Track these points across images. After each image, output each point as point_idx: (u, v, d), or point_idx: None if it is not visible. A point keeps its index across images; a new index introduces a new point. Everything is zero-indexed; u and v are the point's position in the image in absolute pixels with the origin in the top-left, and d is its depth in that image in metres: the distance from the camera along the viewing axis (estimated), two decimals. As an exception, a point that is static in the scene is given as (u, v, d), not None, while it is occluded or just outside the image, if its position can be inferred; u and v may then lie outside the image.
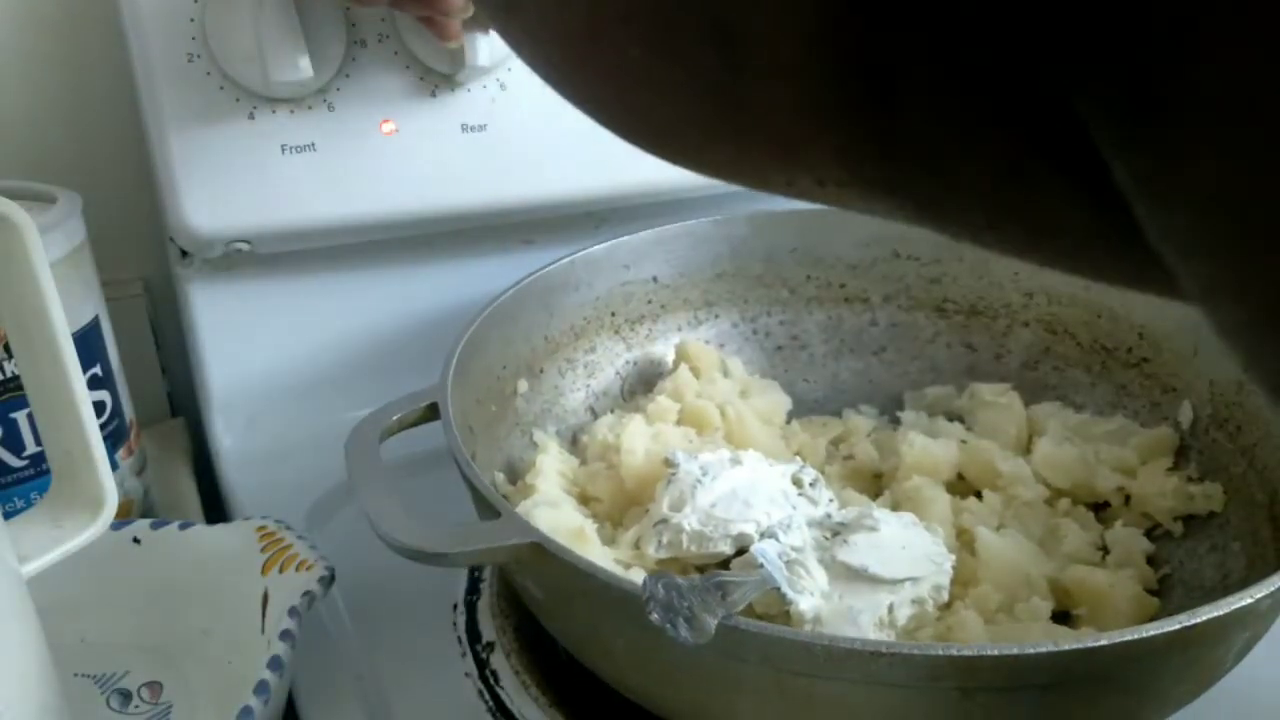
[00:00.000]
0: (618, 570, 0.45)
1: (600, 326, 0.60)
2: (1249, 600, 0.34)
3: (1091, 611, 0.46)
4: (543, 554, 0.37)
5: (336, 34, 0.55)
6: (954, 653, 0.33)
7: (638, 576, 0.43)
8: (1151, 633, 0.33)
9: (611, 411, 0.57)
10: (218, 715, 0.45)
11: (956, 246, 0.60)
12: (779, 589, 0.41)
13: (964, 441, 0.54)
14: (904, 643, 0.38)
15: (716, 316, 0.62)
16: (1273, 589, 0.34)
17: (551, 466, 0.51)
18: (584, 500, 0.51)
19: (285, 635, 0.42)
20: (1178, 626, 0.33)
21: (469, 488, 0.42)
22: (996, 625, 0.45)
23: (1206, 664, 0.37)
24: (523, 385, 0.55)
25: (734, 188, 0.63)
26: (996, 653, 0.33)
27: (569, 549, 0.37)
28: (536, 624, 0.45)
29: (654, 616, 0.30)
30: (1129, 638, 0.33)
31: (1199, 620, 0.33)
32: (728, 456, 0.49)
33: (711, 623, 0.31)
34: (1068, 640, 0.33)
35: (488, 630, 0.49)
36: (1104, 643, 0.33)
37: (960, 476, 0.54)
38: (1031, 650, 0.33)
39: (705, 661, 0.35)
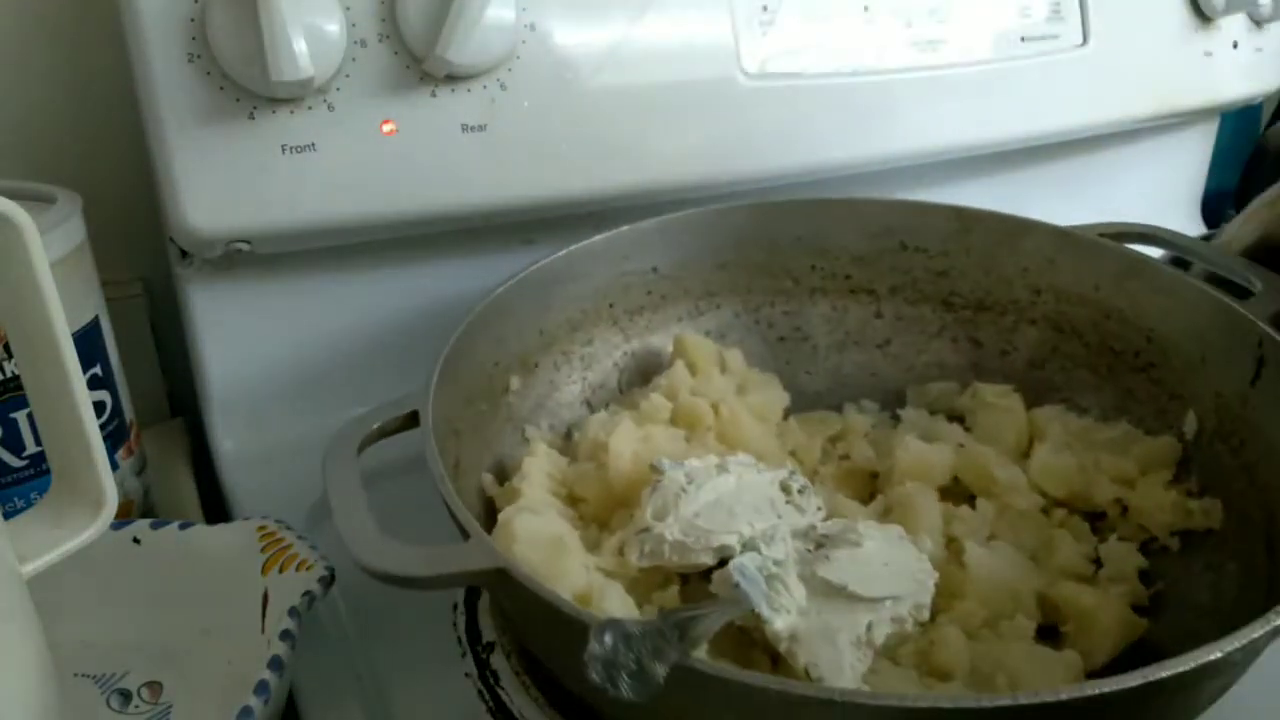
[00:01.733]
0: (598, 577, 0.45)
1: (598, 318, 0.59)
2: (1217, 654, 0.33)
3: (1077, 630, 0.45)
4: (508, 579, 0.37)
5: (336, 34, 0.54)
6: (909, 704, 0.33)
7: (613, 594, 0.44)
8: (1111, 689, 0.32)
9: (607, 406, 0.57)
10: (218, 715, 0.46)
11: (964, 239, 0.58)
12: (754, 609, 0.41)
13: (961, 445, 0.53)
14: (859, 690, 0.38)
15: (718, 307, 0.61)
16: (1244, 642, 0.33)
17: (538, 469, 0.51)
18: (571, 501, 0.51)
19: (285, 635, 0.43)
20: (1140, 681, 0.32)
21: (444, 505, 0.42)
22: (980, 641, 0.44)
23: (1174, 711, 0.36)
24: (515, 382, 0.55)
25: (735, 187, 0.63)
26: (950, 705, 0.32)
27: (532, 578, 0.37)
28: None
29: (594, 676, 0.30)
30: (1089, 693, 0.32)
31: (1165, 675, 0.32)
32: (715, 463, 0.48)
33: (661, 672, 0.31)
34: (1026, 694, 0.32)
35: (488, 630, 0.49)
36: (1064, 697, 0.32)
37: (956, 480, 0.53)
38: (989, 704, 0.32)
39: (664, 697, 0.35)
